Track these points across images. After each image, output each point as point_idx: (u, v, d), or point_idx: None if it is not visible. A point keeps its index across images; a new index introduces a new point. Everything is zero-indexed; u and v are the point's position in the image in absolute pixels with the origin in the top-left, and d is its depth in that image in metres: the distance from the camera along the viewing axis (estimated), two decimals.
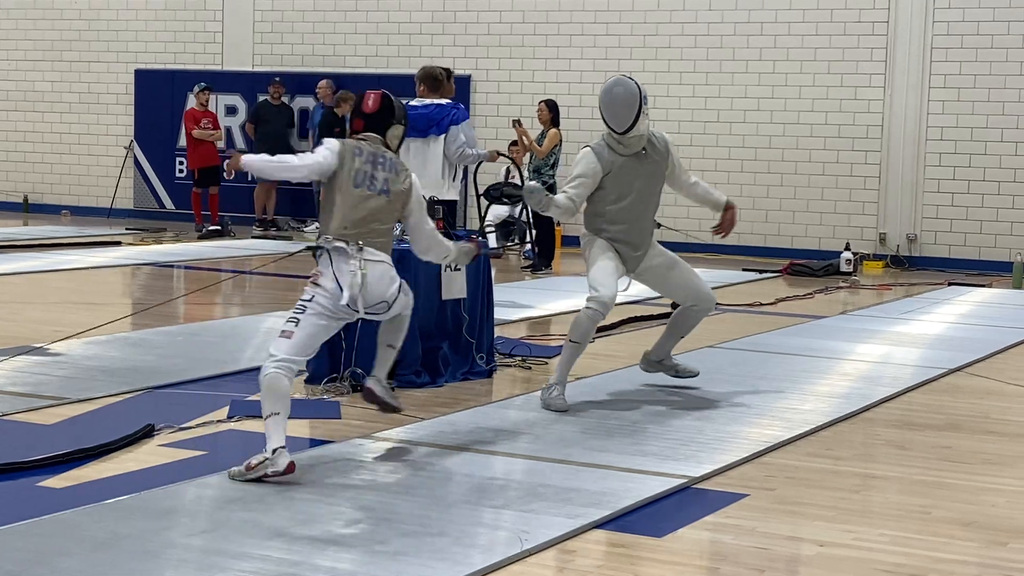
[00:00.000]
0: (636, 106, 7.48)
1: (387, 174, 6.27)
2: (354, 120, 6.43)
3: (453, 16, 18.69)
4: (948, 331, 11.20)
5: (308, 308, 6.04)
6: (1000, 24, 16.13)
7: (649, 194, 7.74)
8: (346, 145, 6.28)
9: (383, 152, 6.33)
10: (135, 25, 20.66)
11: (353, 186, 6.19)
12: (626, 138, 7.55)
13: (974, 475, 6.34)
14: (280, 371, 5.87)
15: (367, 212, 6.18)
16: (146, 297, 12.66)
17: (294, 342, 5.97)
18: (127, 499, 5.39)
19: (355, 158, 6.23)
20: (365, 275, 6.07)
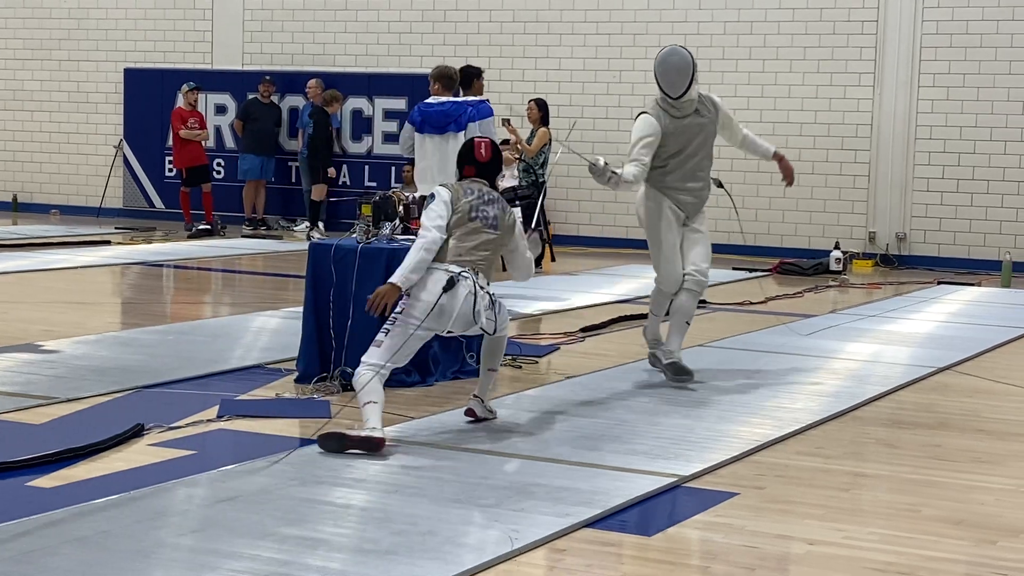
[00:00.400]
0: (689, 73, 8.13)
1: (496, 211, 6.79)
2: (465, 167, 6.92)
3: (443, 15, 18.68)
4: (937, 330, 11.21)
5: (399, 320, 6.48)
6: (989, 23, 16.16)
7: (703, 147, 8.39)
8: (456, 189, 6.80)
9: (491, 192, 6.87)
10: (124, 24, 20.63)
11: (469, 219, 6.70)
12: (679, 102, 8.20)
13: (963, 473, 6.35)
14: (373, 375, 6.35)
15: (479, 242, 6.69)
16: (136, 296, 12.64)
17: (382, 350, 6.44)
18: (116, 499, 5.38)
19: (468, 196, 6.75)
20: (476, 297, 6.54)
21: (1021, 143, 16.06)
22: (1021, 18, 16.04)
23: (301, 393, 7.66)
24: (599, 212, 18.01)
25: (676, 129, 8.24)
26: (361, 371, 6.39)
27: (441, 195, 6.74)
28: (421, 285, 6.49)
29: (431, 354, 8.12)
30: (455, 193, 6.74)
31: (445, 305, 6.46)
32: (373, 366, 6.38)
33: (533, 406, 7.52)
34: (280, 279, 13.66)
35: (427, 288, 6.47)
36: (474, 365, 8.37)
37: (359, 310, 7.80)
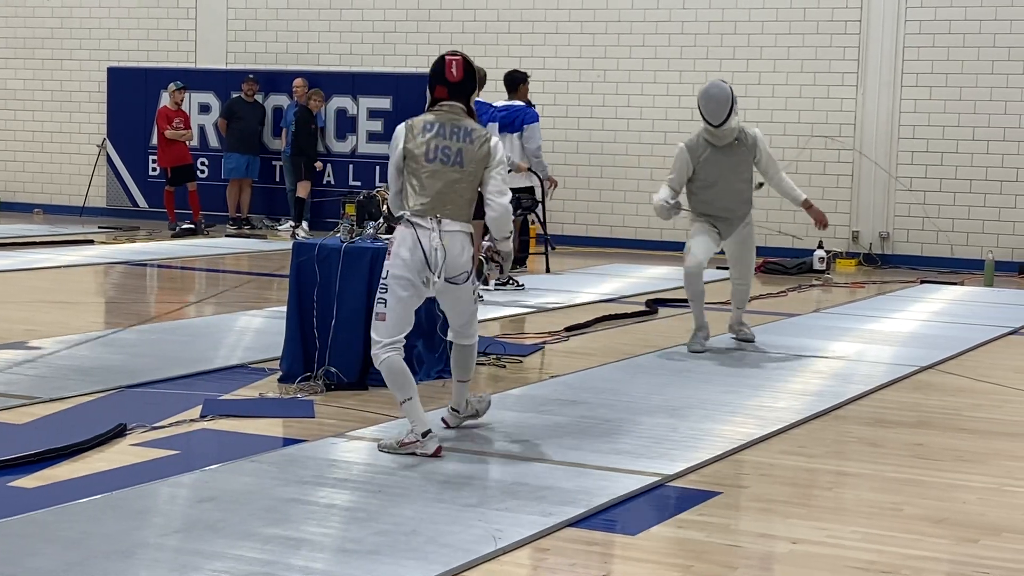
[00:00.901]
0: (728, 104, 9.11)
1: (461, 144, 6.33)
2: (435, 88, 6.39)
3: (428, 14, 18.66)
4: (920, 329, 11.24)
5: (390, 286, 6.29)
6: (971, 23, 16.20)
7: (736, 180, 9.35)
8: (414, 124, 6.37)
9: (459, 121, 6.36)
10: (108, 23, 20.57)
11: (427, 161, 6.31)
12: (719, 131, 9.18)
13: (945, 472, 6.37)
14: (391, 354, 6.25)
15: (442, 185, 6.30)
16: (120, 296, 12.61)
17: (388, 323, 6.28)
18: (99, 499, 5.37)
19: (426, 133, 6.32)
20: (445, 247, 6.24)
21: (1003, 143, 16.11)
22: (1004, 18, 16.09)
23: (284, 393, 7.66)
24: (584, 212, 18.01)
25: (713, 158, 9.25)
26: (381, 355, 6.25)
27: (396, 136, 6.41)
28: (397, 240, 6.31)
29: (415, 354, 8.10)
30: (410, 132, 6.35)
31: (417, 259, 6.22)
32: (389, 345, 6.25)
33: (517, 405, 7.52)
34: (264, 278, 13.63)
35: (400, 243, 6.28)
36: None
37: (343, 310, 7.81)
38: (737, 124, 9.23)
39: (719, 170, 9.29)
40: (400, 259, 6.28)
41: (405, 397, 6.27)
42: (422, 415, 6.27)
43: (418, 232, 6.26)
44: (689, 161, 9.29)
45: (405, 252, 6.28)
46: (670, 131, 16.80)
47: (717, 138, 9.23)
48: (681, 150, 9.35)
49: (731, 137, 9.24)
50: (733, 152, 9.30)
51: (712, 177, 9.29)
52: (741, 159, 9.33)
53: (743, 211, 9.44)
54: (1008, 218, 16.13)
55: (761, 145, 9.36)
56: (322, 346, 7.86)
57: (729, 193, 9.34)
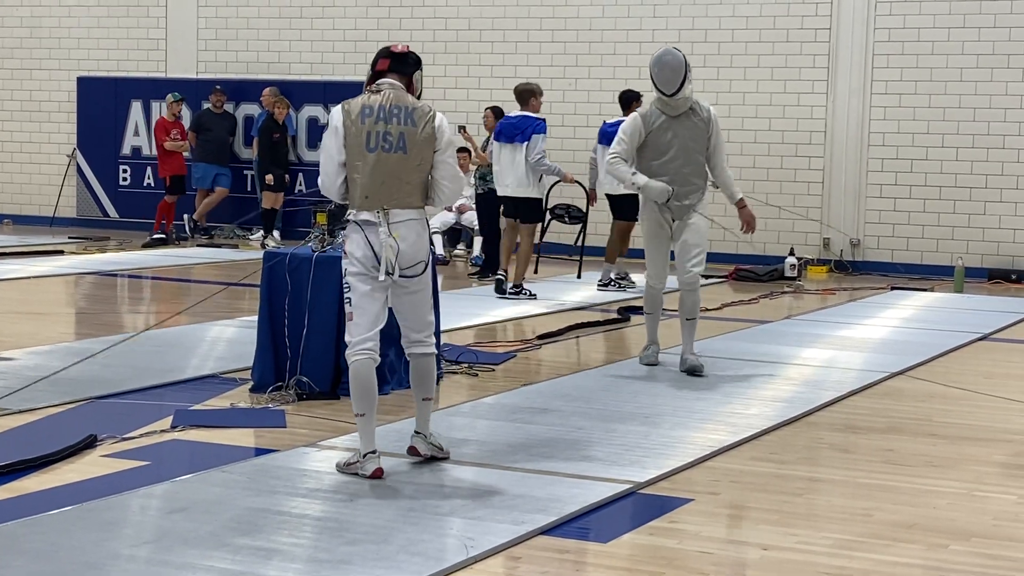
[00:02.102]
0: (682, 72, 8.72)
1: (403, 127, 6.06)
2: (378, 61, 6.19)
3: (399, 23, 18.66)
4: (891, 335, 11.29)
5: (351, 284, 6.10)
6: (940, 31, 16.30)
7: (692, 151, 8.88)
8: (351, 108, 6.09)
9: (399, 102, 6.09)
10: (77, 32, 20.49)
11: (368, 149, 6.03)
12: (673, 100, 8.78)
13: (916, 478, 6.39)
14: (362, 357, 6.06)
15: (387, 174, 6.03)
16: (90, 306, 12.55)
17: (359, 321, 6.08)
18: (69, 510, 5.34)
19: (364, 119, 6.04)
20: (396, 238, 6.01)
21: (972, 149, 16.20)
22: (972, 25, 16.19)
23: (256, 403, 7.63)
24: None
25: (665, 126, 8.82)
26: (353, 356, 6.06)
27: (333, 122, 6.11)
28: (351, 246, 6.07)
29: (387, 363, 8.08)
30: (349, 117, 6.07)
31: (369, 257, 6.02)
32: (362, 348, 6.05)
33: (489, 414, 7.53)
34: (235, 288, 13.59)
35: (358, 247, 6.04)
36: None
37: (314, 319, 7.79)
38: (691, 93, 8.87)
39: (673, 137, 8.84)
40: (354, 257, 6.05)
41: (360, 412, 6.06)
42: (370, 435, 6.06)
43: (366, 231, 6.02)
44: (641, 129, 8.84)
45: (358, 251, 6.05)
46: None
47: (671, 108, 8.83)
48: (634, 117, 8.98)
49: (685, 107, 8.84)
50: (687, 120, 8.87)
51: (665, 145, 8.84)
52: (696, 129, 8.88)
53: (699, 187, 8.94)
54: (977, 224, 16.22)
55: (715, 123, 8.96)
56: (293, 356, 7.85)
57: (685, 164, 8.85)
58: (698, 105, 8.95)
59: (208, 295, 11.25)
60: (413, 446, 6.34)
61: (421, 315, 6.27)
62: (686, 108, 8.86)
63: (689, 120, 8.88)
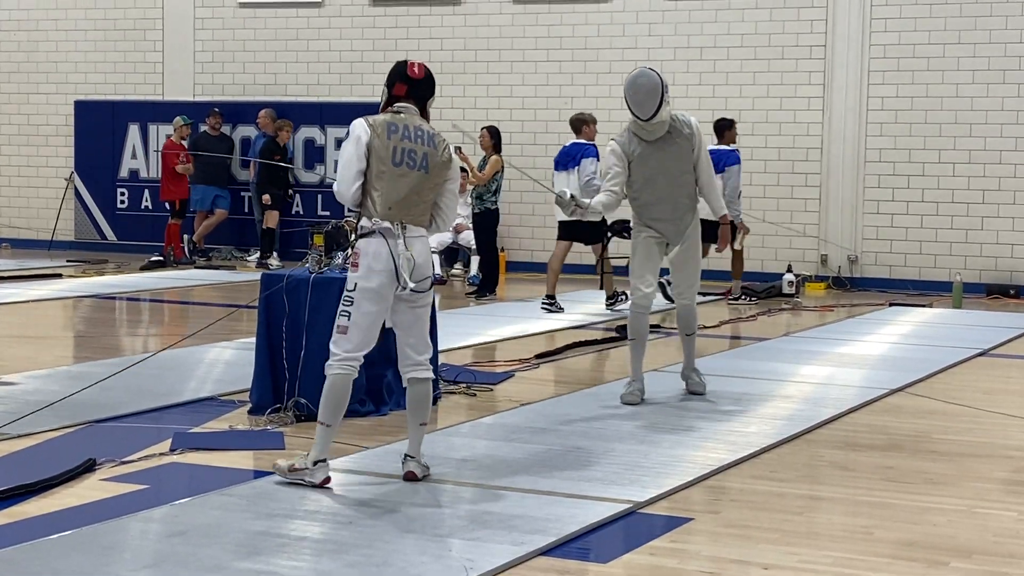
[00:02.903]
0: (658, 95, 8.08)
1: (426, 148, 6.20)
2: (395, 85, 6.28)
3: (394, 43, 18.70)
4: (890, 351, 11.29)
5: (356, 298, 6.10)
6: (935, 47, 16.34)
7: (677, 173, 8.34)
8: (376, 123, 6.17)
9: (420, 125, 6.24)
10: (74, 56, 20.53)
11: (393, 165, 6.13)
12: (649, 124, 8.17)
13: (916, 495, 6.38)
14: (343, 371, 6.10)
15: (408, 190, 6.15)
16: (89, 329, 12.53)
17: (351, 337, 6.10)
18: (68, 535, 5.33)
19: (391, 135, 6.15)
20: (413, 255, 6.10)
21: (969, 165, 16.23)
22: (967, 41, 16.23)
23: (254, 425, 7.62)
24: (553, 239, 17.98)
25: (641, 155, 8.28)
26: (335, 367, 6.10)
27: (356, 133, 6.15)
28: (365, 251, 6.11)
29: (385, 383, 8.10)
30: (374, 131, 6.14)
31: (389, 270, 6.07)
32: (345, 361, 6.11)
33: (487, 434, 7.52)
34: (233, 310, 13.58)
35: (377, 258, 6.08)
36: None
37: (312, 341, 7.78)
38: (668, 115, 8.19)
39: (657, 164, 8.26)
40: (372, 271, 6.08)
41: (326, 422, 6.11)
42: (326, 446, 6.12)
43: (388, 241, 6.09)
44: (623, 157, 8.26)
45: (378, 264, 6.08)
46: None
47: (647, 132, 8.21)
48: (611, 148, 8.34)
49: (663, 130, 8.20)
50: (668, 144, 8.27)
51: (650, 173, 8.28)
52: (679, 149, 8.28)
53: (690, 207, 8.44)
54: (975, 240, 16.24)
55: (699, 136, 8.33)
56: (291, 377, 7.84)
57: (673, 189, 8.33)
58: (677, 122, 8.31)
59: (224, 315, 11.23)
60: (411, 471, 6.34)
61: (422, 333, 6.35)
62: (664, 132, 8.24)
63: (671, 143, 8.29)
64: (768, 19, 17.01)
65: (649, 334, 8.74)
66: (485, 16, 18.32)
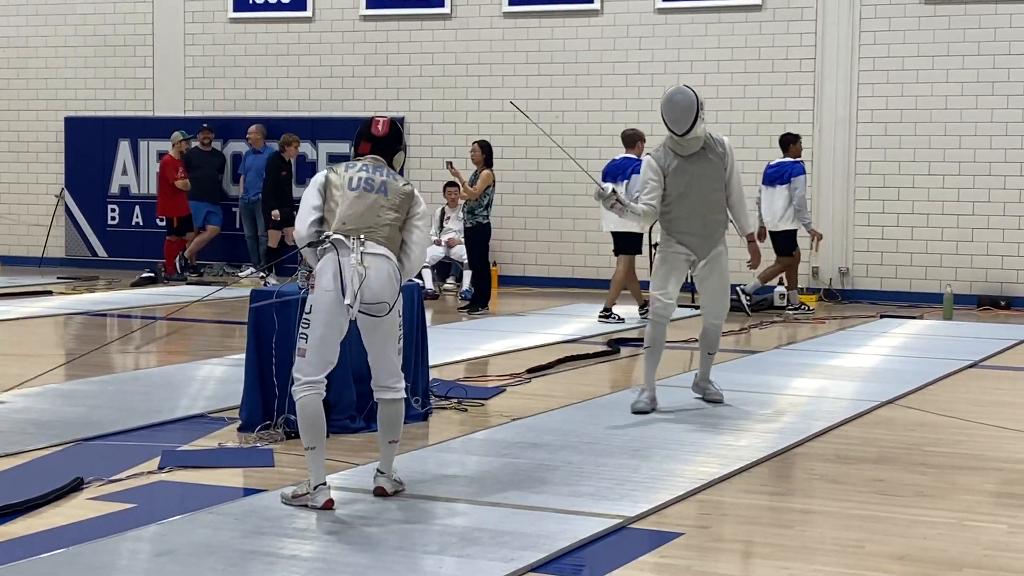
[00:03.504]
0: (694, 111, 8.44)
1: (384, 178, 6.28)
2: (360, 143, 6.44)
3: (385, 59, 18.71)
4: (881, 363, 11.28)
5: (312, 320, 6.11)
6: (924, 59, 16.37)
7: (710, 190, 8.66)
8: (335, 167, 6.33)
9: (382, 167, 6.35)
10: (64, 72, 20.51)
11: (349, 188, 6.21)
12: (685, 139, 8.52)
13: (907, 508, 6.37)
14: (310, 393, 6.10)
15: (365, 207, 6.18)
16: (79, 347, 12.50)
17: (309, 360, 6.11)
18: (56, 555, 5.30)
19: (348, 170, 6.28)
20: (367, 268, 6.04)
21: (959, 176, 16.25)
22: (956, 53, 16.26)
23: (244, 442, 7.60)
24: (545, 252, 18.04)
25: (677, 168, 8.60)
26: (300, 392, 6.11)
27: (316, 178, 6.34)
28: (319, 271, 6.10)
29: (373, 401, 8.05)
30: (332, 170, 6.30)
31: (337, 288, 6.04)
32: (308, 384, 6.10)
33: (479, 449, 7.50)
34: (226, 326, 13.57)
35: (323, 273, 6.08)
36: (419, 409, 8.34)
37: None
38: (703, 131, 8.58)
39: (690, 179, 8.60)
40: (322, 290, 6.08)
41: (310, 445, 6.09)
42: (321, 468, 6.09)
43: (339, 254, 6.07)
44: (659, 169, 8.58)
45: (326, 282, 6.07)
46: None
47: (682, 147, 8.57)
48: (647, 162, 8.67)
49: (697, 146, 8.57)
50: (702, 160, 8.63)
51: (683, 188, 8.60)
52: (712, 166, 8.65)
53: (720, 224, 8.76)
54: (966, 251, 16.25)
55: (731, 155, 8.73)
56: (281, 394, 7.80)
57: (704, 204, 8.65)
58: (711, 140, 8.68)
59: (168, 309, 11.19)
60: (381, 486, 6.34)
61: (388, 358, 6.30)
62: (699, 147, 8.60)
63: (704, 158, 8.63)
64: (758, 32, 17.03)
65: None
66: (476, 30, 18.33)
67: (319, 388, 6.14)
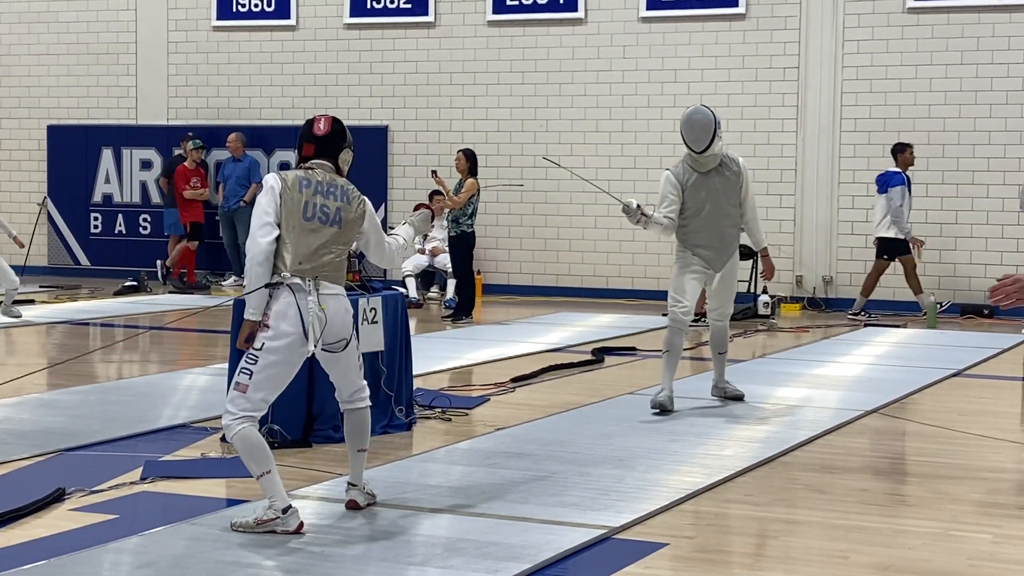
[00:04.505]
0: (711, 130, 8.92)
1: (339, 203, 6.08)
2: (303, 145, 6.21)
3: (369, 67, 18.69)
4: (865, 372, 11.29)
5: (260, 358, 5.89)
6: (908, 68, 16.41)
7: (725, 205, 9.09)
8: (287, 178, 6.04)
9: (334, 180, 6.12)
10: (47, 81, 20.44)
11: (304, 219, 5.98)
12: (702, 157, 8.97)
13: (892, 518, 6.36)
14: (244, 425, 5.84)
15: (319, 244, 5.99)
16: (61, 356, 12.44)
17: (249, 395, 5.88)
18: (37, 567, 5.27)
19: (303, 190, 6.01)
20: (324, 310, 5.91)
21: (942, 186, 16.28)
22: (939, 63, 16.30)
23: (227, 452, 7.55)
24: (529, 261, 18.03)
25: (694, 184, 9.00)
26: (235, 426, 5.83)
27: (269, 183, 6.03)
28: (277, 312, 5.88)
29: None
30: (285, 184, 6.00)
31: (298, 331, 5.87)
32: (244, 418, 5.84)
33: (463, 459, 7.48)
34: (210, 335, 13.52)
35: (285, 317, 5.87)
36: (403, 419, 8.32)
37: None
38: (720, 149, 9.02)
39: (707, 194, 9.02)
40: (279, 332, 5.87)
41: (263, 471, 5.83)
42: (282, 490, 5.86)
43: (296, 297, 5.89)
44: (678, 184, 9.00)
45: (286, 325, 5.87)
46: (613, 179, 16.83)
47: (700, 164, 9.01)
48: (667, 177, 9.07)
49: (714, 163, 9.02)
50: (719, 176, 9.06)
51: (700, 203, 9.02)
52: (728, 182, 9.08)
53: (734, 238, 9.17)
54: (949, 260, 16.29)
55: (746, 174, 9.15)
56: None
57: (721, 219, 9.07)
58: (728, 158, 9.10)
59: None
60: (353, 500, 6.26)
61: (350, 379, 6.22)
62: (716, 164, 9.02)
63: (721, 175, 9.06)
64: (742, 41, 17.06)
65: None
66: (460, 39, 18.31)
67: (255, 418, 5.91)
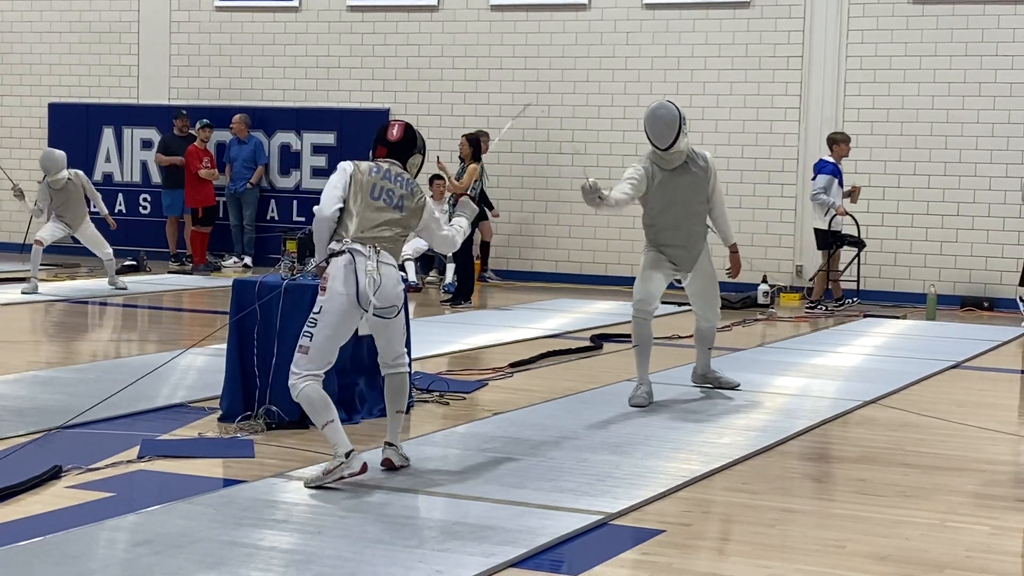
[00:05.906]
0: (676, 126, 8.66)
1: (403, 191, 6.58)
2: (377, 147, 6.74)
3: (371, 50, 18.65)
4: (864, 363, 11.28)
5: (320, 320, 6.35)
6: (912, 59, 16.38)
7: (693, 202, 8.89)
8: (360, 164, 6.61)
9: (401, 173, 6.65)
10: (49, 58, 20.40)
11: (371, 197, 6.50)
12: (668, 154, 8.72)
13: (889, 508, 6.36)
14: (310, 383, 6.31)
15: (382, 220, 6.49)
16: (59, 334, 12.44)
17: (312, 357, 6.34)
18: (33, 543, 5.26)
19: (372, 173, 6.56)
20: (381, 276, 6.35)
21: (944, 177, 16.26)
22: (943, 53, 16.27)
23: (224, 432, 7.56)
24: (529, 247, 18.00)
25: (661, 182, 8.75)
26: (300, 384, 6.32)
27: (342, 166, 6.62)
28: (333, 275, 6.37)
29: (357, 392, 8.05)
30: (357, 168, 6.59)
31: (353, 293, 6.32)
32: (308, 376, 6.33)
33: (460, 443, 7.47)
34: (208, 315, 13.51)
35: (337, 278, 6.35)
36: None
37: (284, 348, 7.72)
38: (686, 146, 8.80)
39: (674, 193, 8.79)
40: (336, 293, 6.35)
41: (327, 420, 6.30)
42: (344, 436, 6.31)
43: (356, 261, 6.34)
44: (645, 176, 8.74)
45: (341, 287, 6.35)
46: (614, 166, 16.73)
47: (666, 161, 8.77)
48: (636, 169, 8.80)
49: (680, 160, 8.78)
50: (685, 173, 8.83)
51: (666, 200, 8.79)
52: (695, 179, 8.86)
53: (701, 235, 8.99)
54: (950, 252, 16.27)
55: (714, 170, 8.98)
56: (263, 384, 7.78)
57: (687, 216, 8.86)
58: (694, 154, 8.90)
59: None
60: (388, 458, 6.63)
61: (394, 347, 6.67)
62: (681, 161, 8.82)
63: (687, 172, 8.85)
64: (745, 29, 17.02)
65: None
66: (463, 23, 18.27)
67: (319, 377, 6.36)
